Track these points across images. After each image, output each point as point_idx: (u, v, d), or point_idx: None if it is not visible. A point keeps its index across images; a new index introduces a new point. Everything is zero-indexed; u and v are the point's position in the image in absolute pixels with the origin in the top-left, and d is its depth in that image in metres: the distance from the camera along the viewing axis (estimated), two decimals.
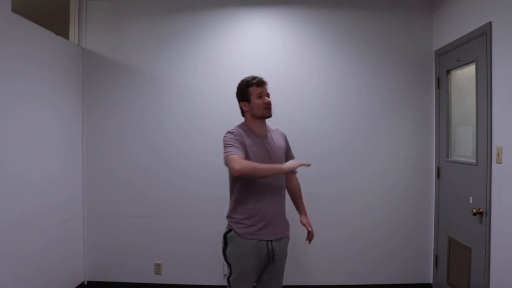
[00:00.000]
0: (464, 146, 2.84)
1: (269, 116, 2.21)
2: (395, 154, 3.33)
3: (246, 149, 2.08)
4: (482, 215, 2.48)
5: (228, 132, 2.15)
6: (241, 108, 2.25)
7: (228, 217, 2.20)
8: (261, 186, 2.12)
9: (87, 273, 3.43)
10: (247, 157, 2.06)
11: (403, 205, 3.33)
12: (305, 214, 2.45)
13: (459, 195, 2.82)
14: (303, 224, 2.40)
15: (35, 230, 2.72)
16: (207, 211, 3.34)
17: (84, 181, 3.40)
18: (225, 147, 2.07)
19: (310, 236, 2.39)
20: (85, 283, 3.42)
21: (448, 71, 3.08)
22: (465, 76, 2.84)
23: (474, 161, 2.64)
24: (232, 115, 3.28)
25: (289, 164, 2.06)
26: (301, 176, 3.29)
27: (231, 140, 2.08)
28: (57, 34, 3.07)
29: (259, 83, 2.18)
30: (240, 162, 1.95)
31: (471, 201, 2.63)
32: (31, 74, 2.71)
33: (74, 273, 3.30)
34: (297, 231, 2.53)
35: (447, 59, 3.07)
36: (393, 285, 3.33)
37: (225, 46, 3.35)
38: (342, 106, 3.33)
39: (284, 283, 3.30)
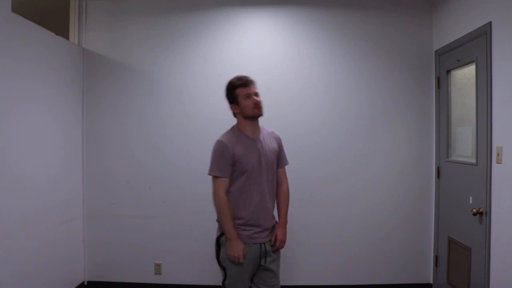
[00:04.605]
0: (464, 146, 2.84)
1: (260, 114, 2.16)
2: (395, 154, 3.33)
3: (234, 159, 2.09)
4: (482, 215, 2.48)
5: (218, 141, 2.13)
6: (232, 111, 2.22)
7: (219, 221, 2.18)
8: (254, 190, 2.12)
9: (87, 273, 3.43)
10: (238, 165, 2.09)
11: (403, 205, 3.33)
12: (284, 225, 2.27)
13: (459, 195, 2.82)
14: (275, 235, 2.21)
15: (35, 230, 2.72)
16: (207, 210, 3.31)
17: (84, 181, 3.40)
18: (211, 161, 2.13)
19: (275, 247, 2.21)
20: (85, 283, 3.42)
21: (448, 71, 3.08)
22: (465, 76, 2.84)
23: (474, 161, 2.64)
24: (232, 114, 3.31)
25: (230, 249, 2.07)
26: (301, 176, 3.30)
27: (217, 155, 2.11)
28: (57, 34, 3.08)
29: (245, 83, 2.13)
30: (222, 194, 2.07)
31: (471, 201, 2.63)
32: (31, 74, 2.71)
33: (74, 273, 3.30)
34: (297, 232, 2.52)
35: (447, 59, 3.06)
36: (393, 285, 3.33)
37: (225, 46, 3.35)
38: (342, 107, 3.33)
39: (284, 283, 3.31)
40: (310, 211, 3.32)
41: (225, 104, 3.27)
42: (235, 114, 2.22)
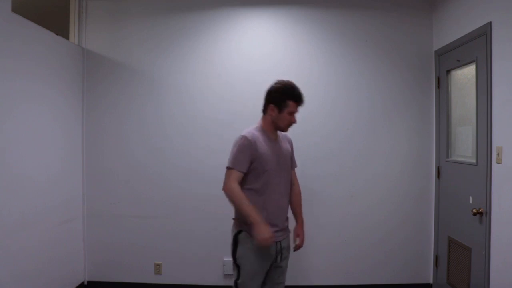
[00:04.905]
0: (464, 146, 2.84)
1: (285, 132, 2.26)
2: (395, 154, 3.33)
3: (255, 157, 2.08)
4: (482, 215, 2.48)
5: (243, 136, 2.10)
6: (266, 107, 2.20)
7: (238, 218, 2.18)
8: (272, 189, 2.15)
9: (87, 273, 3.43)
10: (257, 164, 2.09)
11: (403, 205, 3.33)
12: (302, 225, 2.41)
13: (459, 195, 2.82)
14: (297, 235, 2.37)
15: (35, 230, 2.72)
16: (207, 210, 3.34)
17: (84, 181, 3.40)
18: (232, 154, 2.09)
19: (296, 247, 2.39)
20: (85, 283, 3.42)
21: (448, 71, 3.08)
22: (465, 76, 2.84)
23: (474, 161, 2.64)
24: (232, 113, 3.32)
25: (259, 232, 1.98)
26: (302, 176, 3.29)
27: (241, 150, 2.07)
28: (57, 34, 3.08)
29: (301, 103, 2.18)
30: (232, 184, 2.03)
31: (471, 201, 2.63)
32: (31, 74, 2.71)
33: (74, 273, 3.30)
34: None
35: (447, 59, 3.06)
36: (393, 285, 3.33)
37: (225, 46, 3.35)
38: (342, 107, 3.33)
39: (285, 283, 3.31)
40: (310, 211, 3.30)
41: (224, 104, 3.32)
42: (264, 112, 2.22)
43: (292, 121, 2.19)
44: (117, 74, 3.39)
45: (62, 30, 3.36)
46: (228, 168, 2.10)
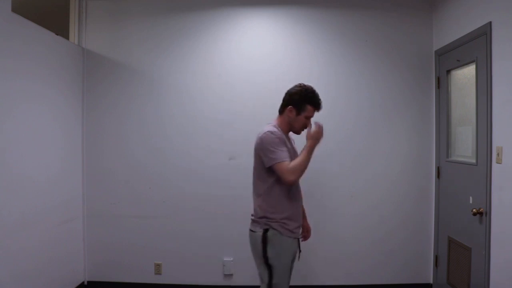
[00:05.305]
0: (464, 146, 2.84)
1: (298, 134, 2.33)
2: (395, 154, 3.33)
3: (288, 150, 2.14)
4: (482, 215, 2.48)
5: (270, 132, 2.10)
6: (284, 107, 2.23)
7: (263, 217, 2.14)
8: (295, 188, 2.22)
9: (87, 273, 3.43)
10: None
11: (403, 205, 3.33)
12: (306, 218, 2.53)
13: (459, 195, 2.82)
14: (304, 226, 2.48)
15: (35, 230, 2.72)
16: (207, 210, 3.34)
17: (84, 181, 3.40)
18: (271, 151, 2.06)
19: (305, 237, 2.51)
20: (85, 283, 3.42)
21: (448, 71, 3.08)
22: (465, 76, 2.84)
23: (474, 161, 2.64)
24: (232, 113, 3.32)
25: (313, 133, 2.14)
26: (302, 176, 3.29)
27: (278, 144, 2.07)
28: (57, 34, 3.08)
29: (319, 108, 2.24)
30: (290, 171, 2.02)
31: (471, 201, 2.63)
32: (31, 74, 2.71)
33: (74, 273, 3.30)
34: None
35: (447, 59, 3.07)
36: (393, 285, 3.33)
37: (225, 46, 3.35)
38: (342, 107, 3.33)
39: None
40: (309, 211, 3.30)
41: (224, 104, 3.32)
42: (281, 112, 2.25)
43: (307, 125, 2.24)
44: (117, 74, 3.39)
45: (62, 30, 3.36)
46: (276, 164, 2.05)
